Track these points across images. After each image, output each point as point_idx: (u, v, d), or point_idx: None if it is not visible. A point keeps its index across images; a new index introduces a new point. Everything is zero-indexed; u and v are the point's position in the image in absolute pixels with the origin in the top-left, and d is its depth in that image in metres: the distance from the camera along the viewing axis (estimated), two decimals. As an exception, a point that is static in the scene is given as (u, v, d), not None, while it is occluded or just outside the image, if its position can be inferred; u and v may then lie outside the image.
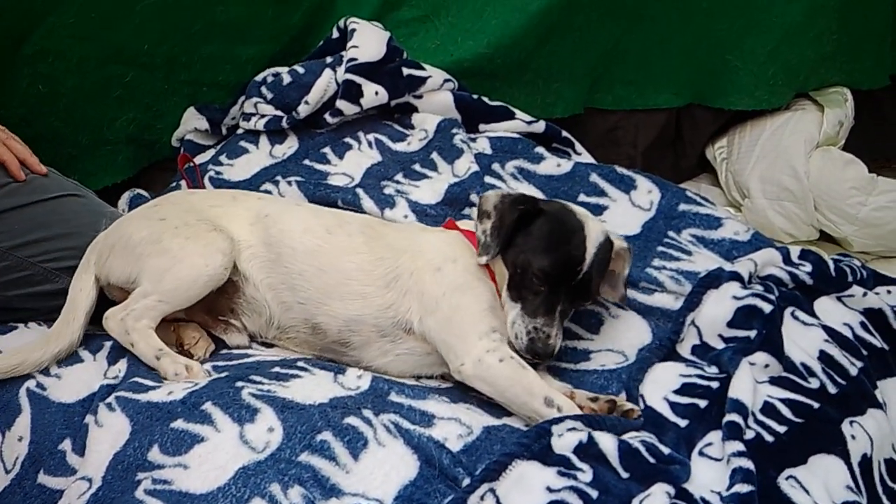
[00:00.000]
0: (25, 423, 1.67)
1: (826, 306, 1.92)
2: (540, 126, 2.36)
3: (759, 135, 2.66)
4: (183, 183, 2.37)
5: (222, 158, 2.43)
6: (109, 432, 1.56)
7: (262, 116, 2.42)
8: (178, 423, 1.54)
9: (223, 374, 1.68)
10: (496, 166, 2.22)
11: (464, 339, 1.70)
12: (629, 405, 1.66)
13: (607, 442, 1.51)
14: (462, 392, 1.76)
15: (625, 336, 1.87)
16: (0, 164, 1.97)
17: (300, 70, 2.42)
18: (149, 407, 1.58)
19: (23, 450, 1.64)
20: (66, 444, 1.62)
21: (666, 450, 1.55)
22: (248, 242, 1.84)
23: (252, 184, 2.31)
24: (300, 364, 1.73)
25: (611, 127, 2.72)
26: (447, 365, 1.75)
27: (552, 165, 2.20)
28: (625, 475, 1.49)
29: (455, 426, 1.56)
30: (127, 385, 1.66)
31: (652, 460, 1.52)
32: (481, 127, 2.38)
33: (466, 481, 1.45)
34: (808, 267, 1.96)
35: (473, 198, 2.09)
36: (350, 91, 2.32)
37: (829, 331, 1.84)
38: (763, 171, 2.59)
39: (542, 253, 1.70)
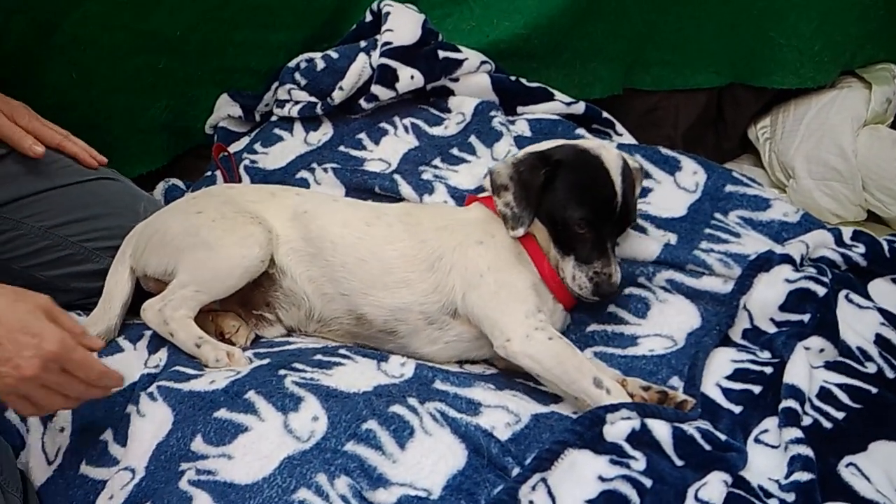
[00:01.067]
0: (66, 414, 1.65)
1: (881, 288, 1.86)
2: (580, 107, 2.31)
3: (804, 114, 2.58)
4: (218, 173, 2.34)
5: (257, 147, 2.39)
6: (152, 422, 1.54)
7: (297, 103, 2.38)
8: (222, 413, 1.51)
9: (265, 362, 1.65)
10: (536, 149, 2.16)
11: (510, 315, 1.67)
12: (682, 396, 1.61)
13: (661, 429, 1.47)
14: (507, 379, 1.73)
15: (673, 320, 1.82)
16: (72, 157, 2.00)
17: (334, 55, 2.37)
18: (191, 396, 1.56)
19: (64, 441, 1.63)
20: (108, 435, 1.60)
21: (722, 436, 1.51)
22: (287, 237, 1.82)
23: (287, 171, 2.28)
24: (342, 351, 1.70)
25: (650, 108, 2.65)
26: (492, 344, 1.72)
27: (594, 147, 2.15)
28: (679, 463, 1.45)
29: (503, 414, 1.53)
30: (168, 374, 1.63)
31: (707, 447, 1.47)
32: (519, 109, 2.32)
33: (516, 470, 1.42)
34: (861, 248, 1.90)
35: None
36: (385, 75, 2.27)
37: (885, 314, 1.79)
38: (809, 150, 2.52)
39: (576, 204, 1.71)
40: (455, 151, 2.21)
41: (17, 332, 1.37)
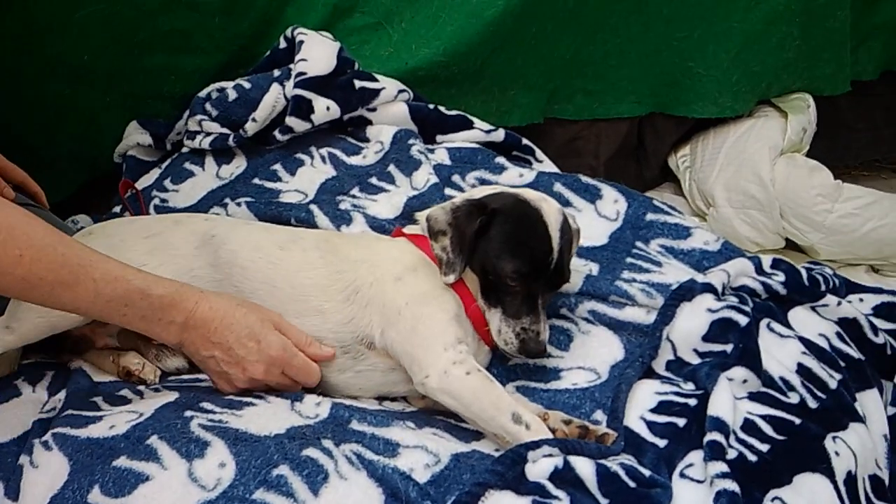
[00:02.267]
0: (-46, 467, 1.53)
1: (801, 317, 1.85)
2: (499, 135, 2.28)
3: (723, 142, 2.60)
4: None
5: (167, 183, 2.31)
6: (46, 473, 1.43)
7: (208, 135, 2.31)
8: (121, 461, 1.41)
9: (171, 399, 1.57)
10: (456, 178, 2.13)
11: (428, 350, 1.61)
12: (604, 429, 1.56)
13: (584, 467, 1.41)
14: (428, 416, 1.66)
15: (597, 353, 1.78)
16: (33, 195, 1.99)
17: (246, 85, 2.31)
18: (89, 444, 1.45)
19: (-50, 499, 1.51)
20: (-1, 489, 1.49)
21: (646, 472, 1.46)
22: (190, 266, 1.73)
23: (199, 209, 2.21)
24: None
25: (572, 137, 2.65)
26: (411, 380, 1.66)
27: (514, 175, 2.12)
28: (604, 502, 1.39)
29: (422, 455, 1.46)
30: (64, 419, 1.52)
31: (632, 484, 1.42)
32: (438, 138, 2.29)
33: (436, 515, 1.35)
34: (781, 276, 1.89)
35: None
36: (300, 107, 2.22)
37: (806, 342, 1.77)
38: (728, 179, 2.54)
39: (509, 255, 1.64)
40: (374, 181, 2.16)
41: (246, 338, 1.58)
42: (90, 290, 1.46)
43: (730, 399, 1.58)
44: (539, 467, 1.41)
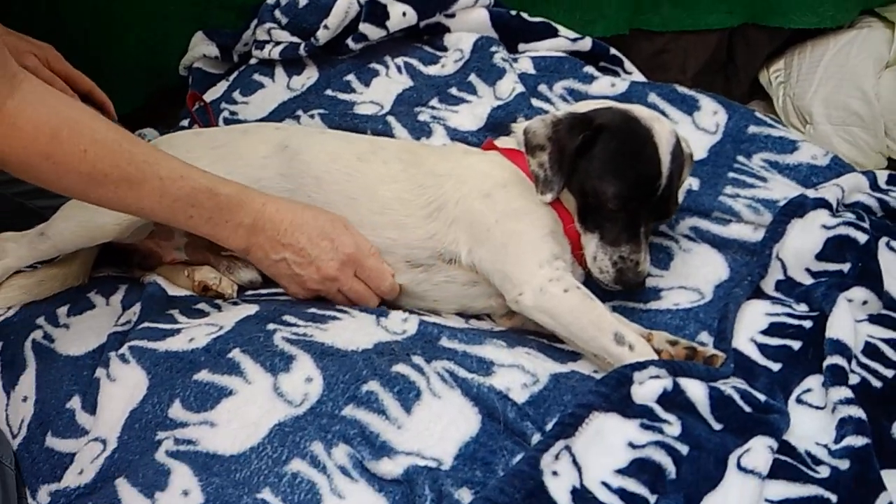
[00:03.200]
0: (30, 382, 1.48)
1: (921, 236, 1.71)
2: (586, 43, 2.13)
3: (822, 55, 2.42)
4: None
5: (235, 95, 2.22)
6: (124, 387, 1.37)
7: (277, 44, 2.20)
8: (203, 375, 1.34)
9: (252, 312, 1.49)
10: (543, 87, 1.99)
11: (522, 266, 1.50)
12: (712, 351, 1.45)
13: (696, 389, 1.31)
14: (519, 335, 1.56)
15: (699, 272, 1.65)
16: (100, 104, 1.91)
17: (317, -11, 2.19)
18: (167, 357, 1.39)
19: (28, 411, 1.46)
20: (76, 402, 1.43)
21: (761, 397, 1.35)
22: (257, 176, 1.64)
23: (270, 121, 2.10)
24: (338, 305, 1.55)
25: (658, 50, 2.47)
26: (495, 297, 1.58)
27: (605, 85, 1.98)
28: (717, 427, 1.29)
29: (518, 374, 1.36)
30: (141, 332, 1.46)
31: (748, 409, 1.31)
32: (521, 46, 2.15)
33: (536, 437, 1.25)
34: (897, 193, 1.75)
35: (520, 121, 1.87)
36: (374, 12, 2.10)
37: (928, 263, 1.64)
38: (827, 94, 2.36)
39: (613, 176, 1.50)
40: (454, 91, 2.03)
41: (318, 237, 1.54)
42: (156, 189, 1.39)
43: (850, 321, 1.45)
44: (646, 389, 1.30)
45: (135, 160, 1.37)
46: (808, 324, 1.49)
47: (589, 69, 2.04)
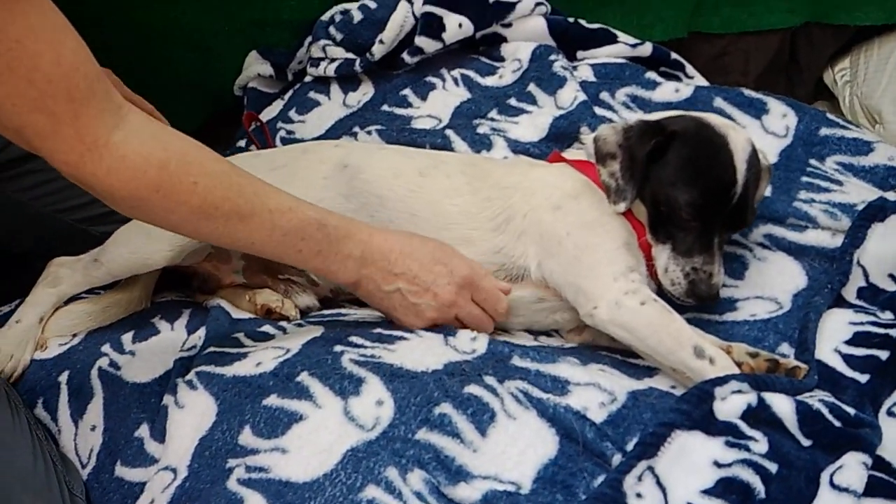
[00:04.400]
0: (98, 410, 1.47)
1: None
2: (646, 49, 2.07)
3: (891, 52, 2.34)
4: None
5: (292, 114, 2.21)
6: (192, 414, 1.35)
7: (333, 60, 2.19)
8: (272, 400, 1.32)
9: (318, 334, 1.46)
10: (605, 95, 1.94)
11: (596, 279, 1.46)
12: (794, 362, 1.39)
13: (782, 404, 1.25)
14: (591, 351, 1.52)
15: (776, 281, 1.60)
16: None
17: (372, 5, 2.17)
18: (235, 382, 1.36)
19: (97, 440, 1.45)
20: (144, 431, 1.42)
21: (850, 410, 1.29)
22: (319, 197, 1.60)
23: (328, 139, 2.09)
24: (404, 324, 1.52)
25: (718, 53, 2.41)
26: (561, 313, 1.56)
27: (669, 91, 1.92)
28: (807, 443, 1.23)
29: (595, 392, 1.31)
30: (207, 357, 1.44)
31: (837, 424, 1.25)
32: (579, 54, 2.10)
33: (617, 458, 1.21)
34: (981, 193, 1.67)
35: (585, 131, 1.83)
36: (430, 25, 2.07)
37: None
38: (897, 91, 2.29)
39: (686, 184, 1.46)
40: (513, 102, 1.99)
41: (431, 263, 1.49)
42: (266, 222, 1.35)
43: (941, 328, 1.39)
44: (730, 405, 1.25)
45: (244, 192, 1.34)
46: (894, 332, 1.43)
47: (651, 75, 1.99)
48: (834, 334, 1.46)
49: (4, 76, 1.14)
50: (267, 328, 1.56)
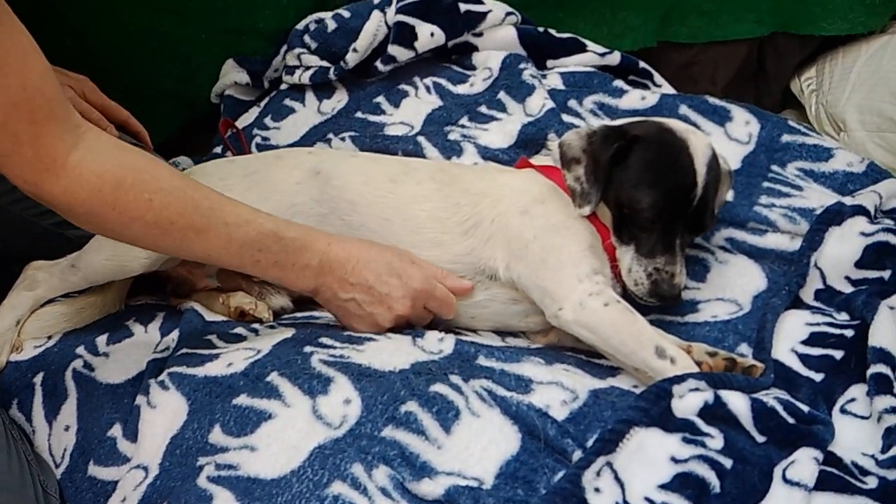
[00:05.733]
0: (72, 411, 1.50)
1: (962, 241, 1.68)
2: (615, 57, 2.12)
3: (854, 61, 2.39)
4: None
5: (267, 121, 2.24)
6: (164, 413, 1.38)
7: (307, 68, 2.22)
8: (242, 399, 1.35)
9: (288, 335, 1.49)
10: (573, 103, 1.98)
11: (562, 281, 1.50)
12: (751, 361, 1.44)
13: (738, 402, 1.29)
14: (556, 352, 1.56)
15: (736, 283, 1.64)
16: (135, 134, 1.95)
17: (345, 14, 2.21)
18: (207, 382, 1.39)
19: (70, 440, 1.47)
20: (117, 430, 1.44)
21: (804, 408, 1.33)
22: (291, 202, 1.65)
23: (302, 146, 2.12)
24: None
25: (687, 62, 2.46)
26: (532, 316, 1.59)
27: (636, 99, 1.97)
28: (761, 439, 1.27)
29: (557, 391, 1.35)
30: (179, 358, 1.47)
31: (791, 421, 1.29)
32: (549, 63, 2.14)
33: (577, 454, 1.25)
34: (937, 198, 1.72)
35: (552, 137, 1.87)
36: (403, 34, 2.10)
37: (970, 268, 1.61)
38: (861, 100, 2.33)
39: (648, 186, 1.50)
40: (483, 109, 2.03)
41: (386, 275, 1.51)
42: (222, 235, 1.39)
43: (893, 329, 1.42)
44: (687, 403, 1.29)
45: (200, 207, 1.37)
46: (849, 333, 1.48)
47: (618, 83, 2.03)
48: (791, 334, 1.50)
49: None
50: (239, 330, 1.59)
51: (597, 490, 1.19)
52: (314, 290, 1.52)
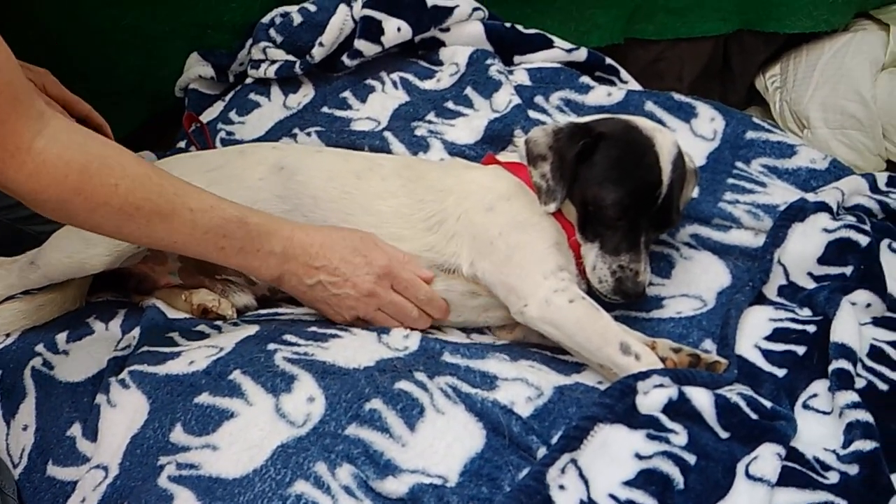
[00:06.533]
0: (30, 410, 1.48)
1: (922, 237, 1.70)
2: (581, 54, 2.12)
3: (818, 59, 2.41)
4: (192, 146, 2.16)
5: (232, 116, 2.21)
6: (124, 412, 1.36)
7: (273, 62, 2.20)
8: (203, 398, 1.33)
9: (252, 332, 1.48)
10: (539, 99, 1.98)
11: (527, 278, 1.49)
12: (715, 357, 1.44)
13: (702, 398, 1.29)
14: (522, 348, 1.55)
15: (701, 279, 1.64)
16: (97, 127, 1.89)
17: (311, 8, 2.19)
18: (168, 381, 1.37)
19: (28, 440, 1.45)
20: (76, 430, 1.42)
21: (767, 403, 1.33)
22: (254, 198, 1.63)
23: (267, 140, 2.10)
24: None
25: (653, 59, 2.47)
26: (493, 310, 1.58)
27: (602, 95, 1.97)
28: (724, 435, 1.28)
29: (522, 388, 1.35)
30: (140, 356, 1.45)
31: (754, 416, 1.30)
32: (516, 59, 2.14)
33: (542, 451, 1.25)
34: (898, 194, 1.74)
35: (518, 133, 1.87)
36: (369, 28, 2.09)
37: (931, 263, 1.62)
38: (824, 98, 2.35)
39: (613, 183, 1.49)
40: (450, 105, 2.02)
41: (350, 255, 1.52)
42: (187, 221, 1.38)
43: (854, 324, 1.44)
44: (651, 399, 1.29)
45: (165, 193, 1.37)
46: (812, 328, 1.49)
47: (585, 79, 2.04)
48: (754, 330, 1.51)
49: None
50: (202, 327, 1.57)
51: (561, 487, 1.19)
52: (279, 277, 1.51)
